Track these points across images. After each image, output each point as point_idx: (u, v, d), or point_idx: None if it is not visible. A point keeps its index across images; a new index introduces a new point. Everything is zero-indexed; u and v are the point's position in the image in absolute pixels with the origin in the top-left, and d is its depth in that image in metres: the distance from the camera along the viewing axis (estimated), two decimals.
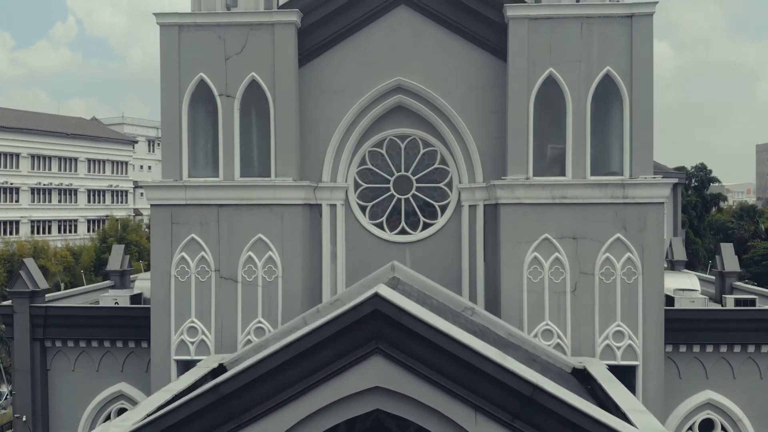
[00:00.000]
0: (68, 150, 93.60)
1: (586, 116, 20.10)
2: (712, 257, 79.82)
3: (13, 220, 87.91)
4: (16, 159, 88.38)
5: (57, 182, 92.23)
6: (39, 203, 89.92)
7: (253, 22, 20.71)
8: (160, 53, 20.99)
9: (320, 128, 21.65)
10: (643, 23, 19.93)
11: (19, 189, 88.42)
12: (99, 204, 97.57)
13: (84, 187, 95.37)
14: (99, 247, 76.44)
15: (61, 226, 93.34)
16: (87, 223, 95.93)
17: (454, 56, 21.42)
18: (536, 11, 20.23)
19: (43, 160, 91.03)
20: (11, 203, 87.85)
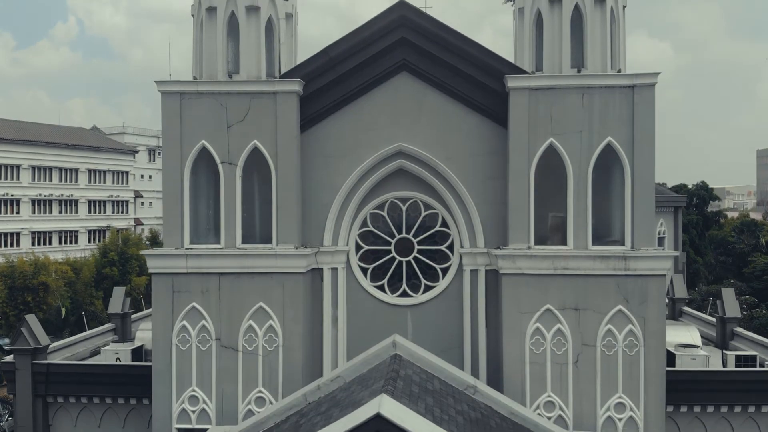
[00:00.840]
0: (69, 161, 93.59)
1: (587, 186, 20.10)
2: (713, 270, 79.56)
3: (13, 231, 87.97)
4: (16, 171, 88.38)
5: (58, 193, 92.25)
6: (39, 214, 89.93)
7: (255, 90, 20.72)
8: (162, 120, 21.02)
9: (322, 193, 21.67)
10: (645, 94, 19.93)
11: (20, 200, 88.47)
12: (100, 214, 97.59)
13: (84, 198, 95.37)
14: (100, 261, 76.46)
15: (61, 237, 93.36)
16: (88, 233, 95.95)
17: (455, 123, 21.43)
18: (537, 82, 20.22)
19: (43, 172, 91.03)
20: (12, 215, 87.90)
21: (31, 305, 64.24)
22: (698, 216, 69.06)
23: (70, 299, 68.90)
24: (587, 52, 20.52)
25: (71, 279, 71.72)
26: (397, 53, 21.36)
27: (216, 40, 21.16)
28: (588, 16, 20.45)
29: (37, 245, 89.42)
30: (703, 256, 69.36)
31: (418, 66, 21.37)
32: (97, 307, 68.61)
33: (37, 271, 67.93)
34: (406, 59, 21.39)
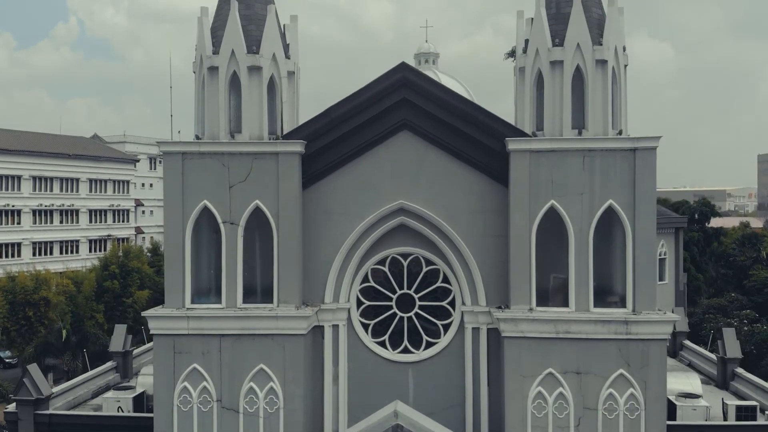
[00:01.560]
0: (70, 171, 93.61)
1: (588, 248, 20.12)
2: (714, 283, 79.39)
3: (14, 242, 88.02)
4: (17, 181, 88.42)
5: (59, 203, 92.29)
6: (40, 225, 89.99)
7: (257, 151, 20.76)
8: (164, 180, 21.09)
9: (323, 249, 21.69)
10: (646, 157, 19.94)
11: (21, 211, 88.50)
12: (100, 224, 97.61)
13: (85, 208, 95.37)
14: (101, 274, 76.49)
15: (62, 247, 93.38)
16: (89, 243, 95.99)
17: (456, 181, 21.45)
18: (538, 144, 20.24)
19: (44, 182, 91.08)
20: (13, 225, 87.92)
21: (32, 320, 64.30)
22: (699, 232, 68.95)
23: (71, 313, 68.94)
24: (588, 113, 20.53)
25: (72, 293, 71.81)
26: (399, 113, 21.39)
27: (218, 99, 21.17)
28: (589, 77, 20.45)
29: (38, 255, 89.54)
30: (704, 273, 69.27)
31: (419, 125, 21.39)
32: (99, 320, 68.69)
33: (38, 285, 67.92)
34: (407, 119, 21.42)
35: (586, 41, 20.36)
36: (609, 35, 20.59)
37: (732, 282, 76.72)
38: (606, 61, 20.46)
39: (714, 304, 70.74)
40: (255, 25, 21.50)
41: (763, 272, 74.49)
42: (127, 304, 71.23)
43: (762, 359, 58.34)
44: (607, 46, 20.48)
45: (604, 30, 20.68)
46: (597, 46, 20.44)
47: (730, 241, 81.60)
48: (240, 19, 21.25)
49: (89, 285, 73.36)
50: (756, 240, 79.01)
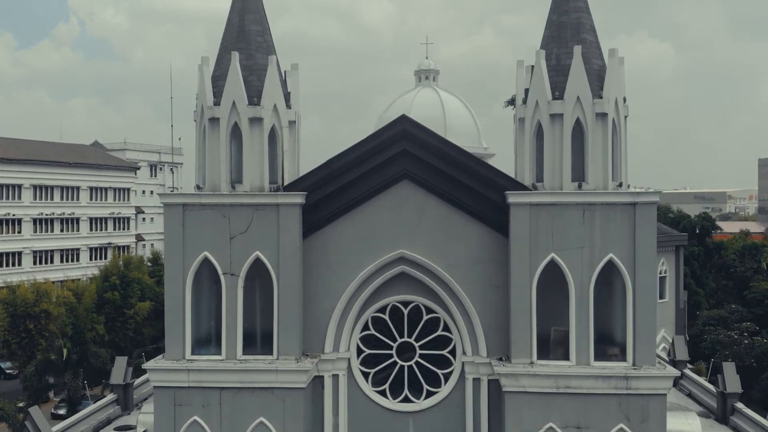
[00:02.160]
0: (70, 179, 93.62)
1: (589, 302, 20.15)
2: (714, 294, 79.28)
3: (15, 251, 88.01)
4: (18, 190, 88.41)
5: (59, 212, 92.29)
6: (41, 233, 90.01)
7: (258, 203, 20.77)
8: (165, 231, 21.10)
9: (323, 299, 21.72)
10: (646, 211, 19.97)
11: (21, 220, 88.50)
12: (101, 232, 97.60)
13: (86, 216, 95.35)
14: (101, 286, 76.57)
15: (63, 255, 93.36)
16: (89, 251, 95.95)
17: (457, 230, 21.48)
18: (538, 198, 20.25)
19: (45, 190, 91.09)
20: (13, 234, 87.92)
21: (33, 332, 64.33)
22: (700, 247, 68.91)
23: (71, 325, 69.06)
24: (588, 166, 20.54)
25: (72, 304, 71.89)
26: (399, 164, 21.41)
27: (219, 150, 21.19)
28: (589, 130, 20.46)
29: (38, 264, 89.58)
30: (705, 287, 69.26)
31: (420, 175, 21.42)
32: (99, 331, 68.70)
33: (38, 298, 67.97)
34: (407, 169, 21.43)
35: (587, 95, 20.37)
36: (609, 87, 20.59)
37: (732, 293, 76.71)
38: (606, 114, 20.45)
39: (714, 315, 70.76)
40: (256, 75, 21.52)
41: (764, 284, 74.49)
42: (128, 315, 71.33)
43: (762, 373, 58.41)
44: (608, 98, 20.49)
45: (604, 82, 20.68)
46: (597, 99, 20.45)
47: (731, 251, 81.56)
48: (241, 69, 21.26)
49: (90, 297, 73.45)
50: (756, 251, 78.95)
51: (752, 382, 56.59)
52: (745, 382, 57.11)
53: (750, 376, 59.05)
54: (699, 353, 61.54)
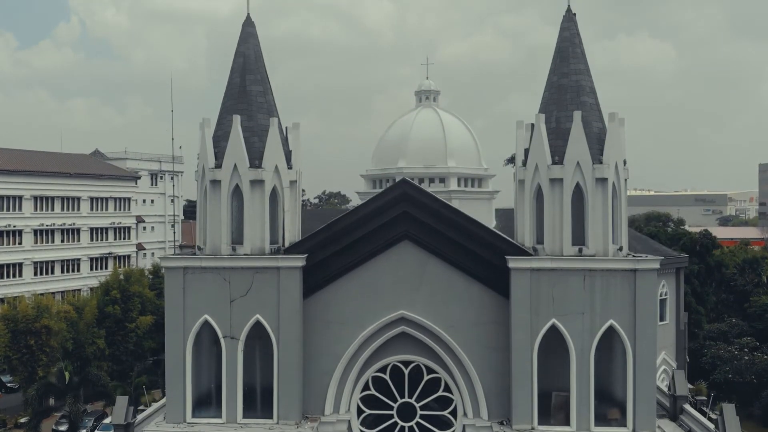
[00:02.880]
0: (71, 189, 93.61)
1: (589, 368, 20.20)
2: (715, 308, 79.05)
3: (16, 262, 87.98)
4: (18, 201, 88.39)
5: (60, 222, 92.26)
6: (42, 244, 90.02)
7: (258, 266, 20.78)
8: (165, 294, 21.11)
9: (323, 360, 21.75)
10: (647, 278, 20.00)
11: (22, 231, 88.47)
12: (102, 241, 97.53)
13: (87, 226, 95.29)
14: (102, 299, 76.58)
15: (63, 266, 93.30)
16: (90, 261, 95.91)
17: (457, 292, 21.51)
18: (538, 264, 20.26)
19: (45, 201, 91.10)
20: (14, 246, 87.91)
21: (33, 348, 64.38)
22: (701, 265, 68.83)
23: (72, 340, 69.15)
24: (588, 230, 20.55)
25: (73, 319, 71.96)
26: (400, 225, 21.43)
27: (220, 212, 21.20)
28: (589, 195, 20.47)
29: (39, 275, 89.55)
30: (705, 304, 69.22)
31: (420, 237, 21.44)
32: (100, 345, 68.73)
33: (39, 313, 68.01)
34: (408, 230, 21.44)
35: (586, 160, 20.37)
36: (610, 151, 20.60)
37: (733, 306, 76.70)
38: (606, 179, 20.45)
39: (714, 329, 70.75)
40: (257, 136, 21.53)
41: (764, 298, 74.50)
42: (129, 328, 71.38)
43: (762, 389, 58.43)
44: (608, 163, 20.49)
45: (604, 145, 20.68)
46: (597, 164, 20.46)
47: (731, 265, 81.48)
48: (242, 131, 21.28)
49: (90, 311, 73.53)
50: (757, 264, 78.92)
51: (752, 399, 56.59)
52: (745, 399, 57.15)
53: (750, 393, 59.14)
54: (699, 369, 61.62)
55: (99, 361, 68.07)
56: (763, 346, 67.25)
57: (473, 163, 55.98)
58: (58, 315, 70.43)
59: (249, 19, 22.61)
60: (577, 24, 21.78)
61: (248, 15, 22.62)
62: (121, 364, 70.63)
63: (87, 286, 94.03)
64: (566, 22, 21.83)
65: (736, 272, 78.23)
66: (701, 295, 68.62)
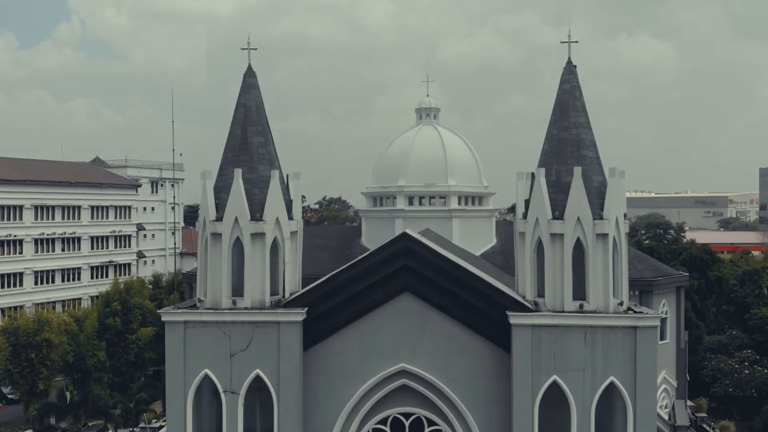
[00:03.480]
0: (71, 198, 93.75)
1: (590, 423, 20.23)
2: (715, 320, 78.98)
3: (16, 272, 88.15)
4: (19, 211, 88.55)
5: (60, 231, 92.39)
6: (42, 253, 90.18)
7: (258, 321, 20.80)
8: (166, 348, 21.14)
9: (323, 413, 21.78)
10: (647, 335, 20.02)
11: (23, 241, 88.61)
12: (102, 250, 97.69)
13: (87, 235, 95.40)
14: (102, 311, 76.74)
15: (64, 275, 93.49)
16: (90, 270, 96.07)
17: (459, 345, 21.53)
18: (540, 320, 20.28)
19: (46, 210, 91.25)
20: (15, 255, 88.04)
21: (34, 361, 64.51)
22: (700, 280, 68.88)
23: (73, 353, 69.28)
24: (589, 285, 20.57)
25: (74, 331, 72.08)
26: (400, 278, 21.46)
27: (221, 265, 21.22)
28: (590, 250, 20.48)
29: (39, 284, 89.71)
30: (705, 319, 69.26)
31: (421, 290, 21.45)
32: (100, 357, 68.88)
33: (40, 327, 68.13)
34: (408, 283, 21.46)
35: (587, 216, 20.38)
36: (610, 206, 20.61)
37: (733, 318, 76.75)
38: (607, 234, 20.46)
39: (715, 341, 70.78)
40: (259, 188, 21.55)
41: (765, 309, 74.54)
42: (129, 340, 71.51)
43: (763, 403, 58.50)
44: (608, 218, 20.50)
45: (605, 200, 20.68)
46: (598, 220, 20.46)
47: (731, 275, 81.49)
48: (243, 182, 21.30)
49: (91, 323, 73.67)
50: (757, 276, 78.94)
51: (752, 413, 56.71)
52: (745, 412, 57.14)
53: (750, 407, 59.21)
54: (700, 381, 61.69)
55: (99, 372, 68.24)
56: (763, 359, 67.34)
57: (474, 181, 55.96)
58: (59, 328, 70.59)
59: (250, 70, 22.61)
60: (577, 76, 21.78)
61: (249, 66, 22.62)
62: (121, 375, 70.77)
63: (87, 295, 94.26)
64: (567, 74, 21.83)
65: (737, 283, 78.29)
66: (701, 310, 68.65)
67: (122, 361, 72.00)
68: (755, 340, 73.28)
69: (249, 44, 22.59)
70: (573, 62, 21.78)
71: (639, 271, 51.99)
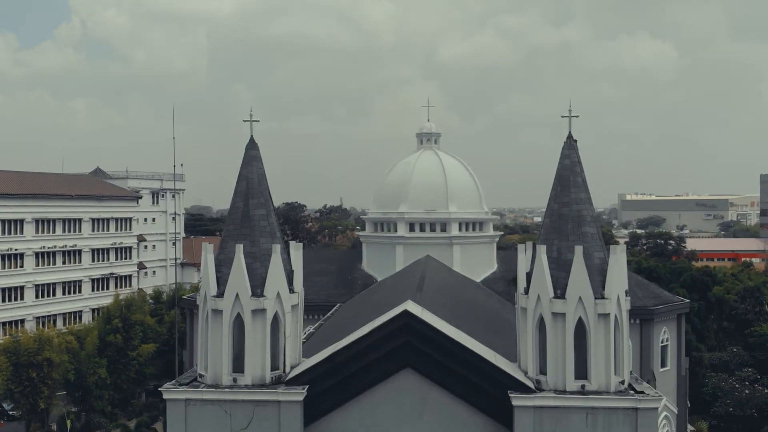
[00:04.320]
0: (72, 211, 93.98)
1: None
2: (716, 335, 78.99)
3: (17, 286, 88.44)
4: (20, 225, 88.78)
5: (61, 244, 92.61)
6: (43, 267, 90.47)
7: (259, 399, 20.82)
8: (167, 425, 21.13)
9: None
10: (648, 416, 20.05)
11: (24, 254, 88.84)
12: (103, 262, 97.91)
13: (88, 247, 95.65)
14: (103, 329, 76.95)
15: (65, 287, 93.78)
16: (91, 282, 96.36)
17: (460, 422, 21.58)
18: (541, 402, 20.31)
19: (47, 224, 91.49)
20: (16, 269, 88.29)
21: (36, 381, 64.71)
22: (701, 302, 68.94)
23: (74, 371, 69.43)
24: (591, 364, 20.59)
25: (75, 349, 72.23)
26: (401, 355, 21.46)
27: (221, 342, 21.26)
28: (591, 329, 20.50)
29: (40, 297, 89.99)
30: (706, 340, 69.36)
31: (422, 366, 21.46)
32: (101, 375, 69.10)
33: (41, 346, 68.30)
34: (409, 359, 21.48)
35: (588, 295, 20.40)
36: (611, 285, 20.63)
37: (734, 334, 76.82)
38: (609, 314, 20.48)
39: (716, 358, 70.85)
40: (260, 261, 21.58)
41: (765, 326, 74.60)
42: (130, 356, 71.74)
43: (763, 423, 58.66)
44: (610, 297, 20.52)
45: (606, 277, 20.69)
46: (599, 299, 20.47)
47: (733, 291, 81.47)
48: (245, 256, 21.30)
49: (92, 341, 73.84)
50: (758, 293, 79.00)
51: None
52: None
53: (751, 427, 59.38)
54: (700, 400, 61.81)
55: (100, 390, 68.49)
56: (763, 377, 67.47)
57: (474, 206, 56.20)
58: (60, 347, 70.77)
59: (252, 142, 22.62)
60: (578, 151, 21.78)
61: (251, 137, 22.64)
62: (122, 392, 71.00)
63: (88, 308, 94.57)
64: (567, 149, 21.83)
65: (738, 300, 78.29)
66: (702, 331, 68.73)
67: (123, 377, 72.27)
68: (756, 358, 73.33)
69: (251, 116, 22.58)
70: (573, 137, 21.77)
71: (640, 299, 52.14)
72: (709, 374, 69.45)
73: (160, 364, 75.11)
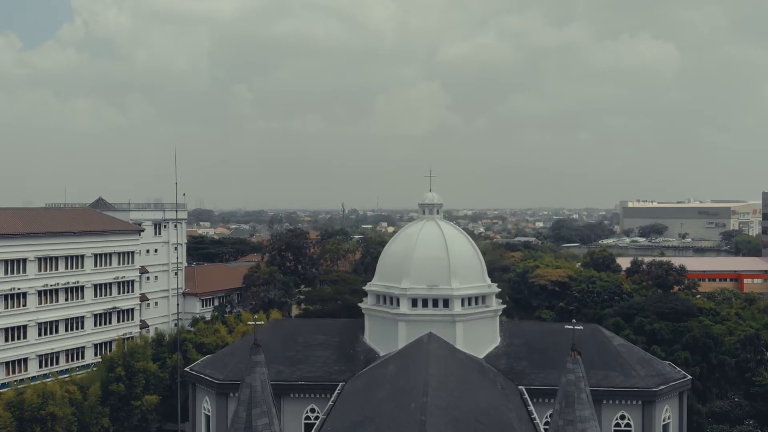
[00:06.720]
0: (75, 248, 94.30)
1: None
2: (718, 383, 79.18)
3: (20, 325, 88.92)
4: (23, 264, 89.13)
5: (64, 281, 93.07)
6: (46, 304, 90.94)
7: None
8: None
9: None
10: None
11: (27, 293, 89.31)
12: (105, 297, 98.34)
13: (90, 283, 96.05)
14: (106, 377, 77.36)
15: (68, 324, 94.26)
16: (93, 318, 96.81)
17: None
18: None
19: (50, 261, 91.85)
20: (18, 308, 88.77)
21: None
22: (703, 364, 69.18)
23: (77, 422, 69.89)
24: None
25: (78, 400, 72.76)
26: None
27: None
28: None
29: (43, 335, 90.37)
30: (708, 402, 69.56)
31: None
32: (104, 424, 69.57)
33: (44, 401, 68.81)
34: None
35: None
36: None
37: (735, 382, 77.08)
38: None
39: (717, 408, 71.06)
40: None
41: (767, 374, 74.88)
42: (133, 405, 72.18)
43: None
44: None
45: None
46: None
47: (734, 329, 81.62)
48: None
49: (95, 392, 74.23)
50: (758, 340, 79.28)
51: None
52: None
53: None
54: None
55: None
56: (765, 429, 67.78)
57: (477, 280, 56.21)
58: (63, 400, 71.20)
59: (256, 346, 22.63)
60: (581, 365, 21.80)
61: (255, 341, 22.63)
62: None
63: (91, 343, 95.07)
64: (572, 363, 21.85)
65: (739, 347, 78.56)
66: (703, 392, 68.90)
67: (126, 425, 72.81)
68: (758, 409, 73.63)
69: (255, 320, 22.60)
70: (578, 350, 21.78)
71: (642, 379, 52.39)
72: (711, 425, 69.91)
73: (162, 410, 75.50)
